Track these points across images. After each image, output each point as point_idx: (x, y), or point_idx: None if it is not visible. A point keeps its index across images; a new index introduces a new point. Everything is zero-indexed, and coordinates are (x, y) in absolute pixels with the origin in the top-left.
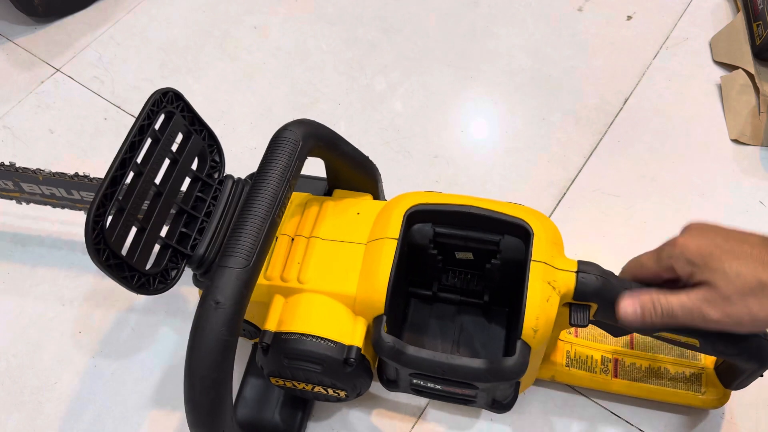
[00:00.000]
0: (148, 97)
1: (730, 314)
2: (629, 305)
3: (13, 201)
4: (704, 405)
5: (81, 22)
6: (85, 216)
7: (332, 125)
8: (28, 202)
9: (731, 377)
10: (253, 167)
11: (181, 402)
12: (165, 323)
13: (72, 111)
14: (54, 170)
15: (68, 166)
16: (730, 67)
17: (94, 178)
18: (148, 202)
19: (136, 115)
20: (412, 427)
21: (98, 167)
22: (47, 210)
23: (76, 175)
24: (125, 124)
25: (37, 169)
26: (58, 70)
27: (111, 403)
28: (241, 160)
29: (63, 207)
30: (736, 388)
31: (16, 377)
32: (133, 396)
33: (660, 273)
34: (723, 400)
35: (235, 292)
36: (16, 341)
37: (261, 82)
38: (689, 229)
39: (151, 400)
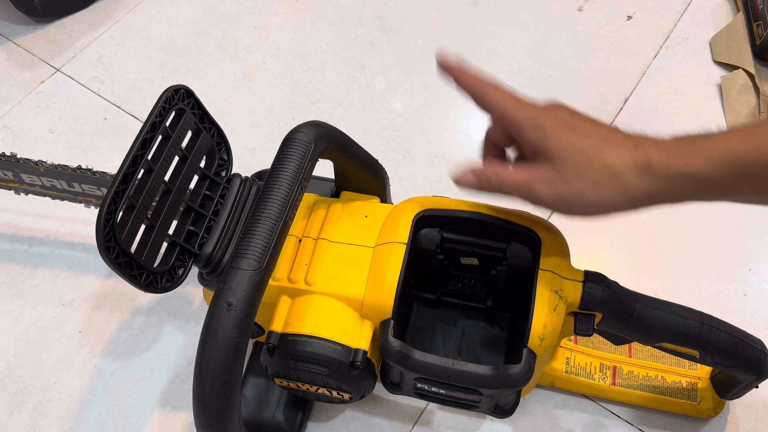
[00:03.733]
0: (160, 94)
1: (561, 195)
2: (468, 174)
3: (12, 191)
4: (699, 414)
5: (81, 22)
6: (85, 209)
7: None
8: (27, 193)
9: (727, 387)
10: (254, 167)
11: (181, 402)
12: (166, 323)
13: (72, 111)
14: (56, 162)
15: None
16: (730, 67)
17: (97, 172)
18: (157, 200)
19: (137, 113)
20: (412, 428)
21: (98, 167)
22: (47, 207)
23: (79, 168)
24: (125, 124)
25: (39, 160)
26: (58, 70)
27: (111, 404)
28: (240, 160)
29: (63, 199)
30: (731, 398)
31: (17, 377)
32: (134, 396)
33: (507, 128)
34: (718, 409)
35: (248, 294)
36: (17, 341)
37: (261, 82)
38: (547, 103)
39: (152, 401)
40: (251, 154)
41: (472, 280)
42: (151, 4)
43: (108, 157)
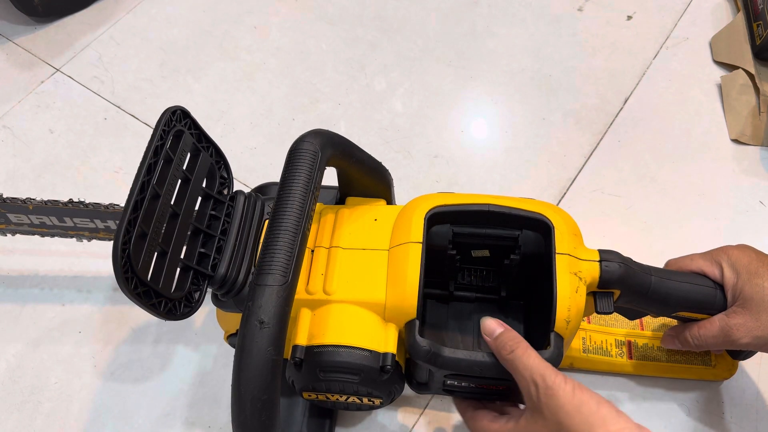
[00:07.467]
0: (159, 118)
1: (759, 336)
2: (672, 339)
3: None
4: (715, 377)
5: (81, 22)
6: (77, 242)
7: (332, 125)
8: (14, 233)
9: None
10: (253, 167)
11: (181, 402)
12: (165, 323)
13: (72, 111)
14: (49, 195)
15: (68, 165)
16: (730, 67)
17: (89, 204)
18: (166, 225)
19: (137, 113)
20: (412, 428)
21: (98, 167)
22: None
23: (70, 201)
24: (125, 124)
25: (27, 198)
26: (58, 70)
27: (111, 403)
28: (240, 160)
29: (53, 236)
30: (744, 359)
31: (16, 377)
32: (134, 396)
33: (706, 269)
34: (732, 371)
35: (278, 310)
36: (16, 341)
37: (261, 82)
38: (742, 245)
39: (152, 400)
40: (251, 153)
41: (484, 272)
42: (151, 4)
43: (108, 157)
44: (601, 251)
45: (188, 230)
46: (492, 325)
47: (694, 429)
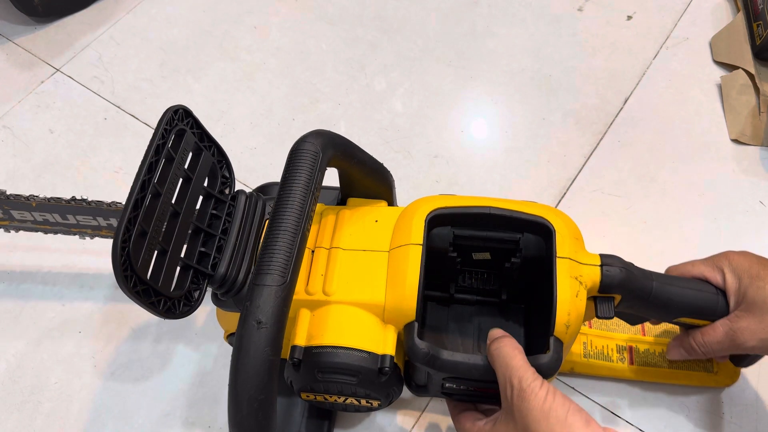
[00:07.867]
0: (161, 116)
1: (765, 339)
2: (678, 349)
3: (1, 230)
4: (717, 384)
5: (81, 22)
6: (80, 240)
7: (332, 125)
8: (17, 230)
9: (741, 356)
10: (253, 167)
11: (181, 401)
12: (165, 323)
13: (72, 111)
14: (49, 195)
15: (68, 165)
16: (730, 67)
17: (92, 202)
18: (166, 224)
19: (137, 113)
20: (411, 429)
21: (98, 167)
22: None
23: (73, 199)
24: (125, 124)
25: (30, 195)
26: (58, 70)
27: (111, 403)
28: (240, 160)
29: (56, 233)
30: (746, 366)
31: (16, 377)
32: (134, 396)
33: (708, 274)
34: (734, 377)
35: (276, 310)
36: (16, 341)
37: (261, 82)
38: (743, 251)
39: (152, 400)
40: (251, 154)
41: (485, 275)
42: (151, 4)
43: (108, 157)
44: (602, 255)
45: (189, 229)
46: (495, 331)
47: (694, 429)
